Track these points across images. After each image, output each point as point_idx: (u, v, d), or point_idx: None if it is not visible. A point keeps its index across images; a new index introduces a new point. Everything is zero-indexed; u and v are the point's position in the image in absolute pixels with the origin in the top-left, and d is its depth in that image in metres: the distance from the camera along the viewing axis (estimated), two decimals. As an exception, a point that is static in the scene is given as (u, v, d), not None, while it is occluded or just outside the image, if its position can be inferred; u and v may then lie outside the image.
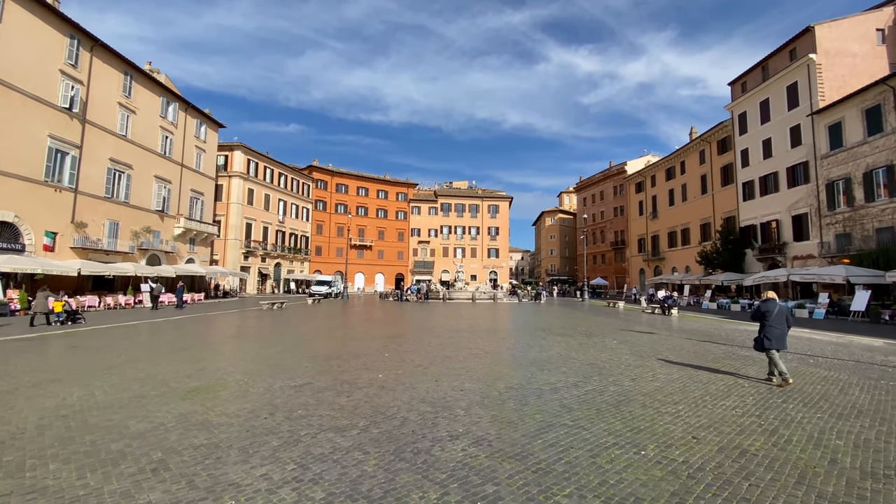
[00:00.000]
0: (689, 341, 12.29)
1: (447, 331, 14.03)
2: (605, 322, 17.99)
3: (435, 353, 9.72)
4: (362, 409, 5.45)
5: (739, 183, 35.96)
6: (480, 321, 17.94)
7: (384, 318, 19.37)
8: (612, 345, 11.30)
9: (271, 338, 12.44)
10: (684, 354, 10.02)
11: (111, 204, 29.16)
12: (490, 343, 11.47)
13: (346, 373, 7.56)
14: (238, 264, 44.72)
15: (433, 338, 12.26)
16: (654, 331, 14.76)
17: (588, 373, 7.75)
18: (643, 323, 18.20)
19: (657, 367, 8.45)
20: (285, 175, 53.17)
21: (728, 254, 34.99)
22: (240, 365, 8.27)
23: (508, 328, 15.37)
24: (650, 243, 50.69)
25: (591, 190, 67.45)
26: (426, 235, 68.37)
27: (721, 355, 9.96)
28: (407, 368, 7.97)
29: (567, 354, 9.69)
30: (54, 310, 16.03)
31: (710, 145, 40.38)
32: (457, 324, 16.51)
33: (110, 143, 29.10)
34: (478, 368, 8.00)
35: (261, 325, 16.30)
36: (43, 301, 15.58)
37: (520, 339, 12.43)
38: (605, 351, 10.24)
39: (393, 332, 13.74)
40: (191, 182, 37.35)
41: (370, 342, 11.38)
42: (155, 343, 11.38)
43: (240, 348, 10.47)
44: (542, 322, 17.70)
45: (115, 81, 29.65)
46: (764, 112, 33.67)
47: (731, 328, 16.39)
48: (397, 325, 16.39)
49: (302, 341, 11.53)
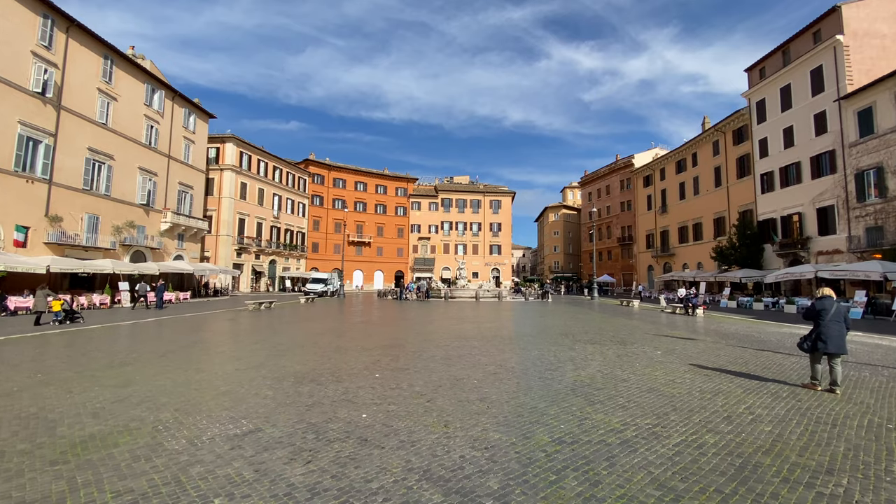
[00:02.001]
0: (744, 350, 10.34)
1: (453, 338, 12.04)
2: (630, 325, 16.09)
3: (440, 372, 7.61)
4: (321, 498, 3.28)
5: (757, 174, 34.07)
6: (489, 324, 15.98)
7: (381, 321, 17.45)
8: (657, 356, 9.35)
9: (241, 348, 10.42)
10: (758, 369, 8.07)
11: (90, 197, 27.26)
12: (508, 355, 9.40)
13: (316, 408, 5.52)
14: (230, 261, 42.85)
15: (437, 348, 10.20)
16: (694, 336, 12.84)
17: (657, 406, 5.67)
18: (671, 325, 16.38)
19: (743, 393, 6.37)
20: (280, 169, 51.20)
21: (745, 249, 33.16)
22: (177, 392, 6.28)
23: (524, 333, 13.30)
24: (659, 239, 48.83)
25: (596, 184, 65.49)
26: (426, 232, 66.45)
27: (804, 370, 8.09)
28: (403, 401, 5.90)
29: (611, 373, 7.64)
30: (52, 308, 15.57)
31: (724, 135, 38.46)
32: (463, 328, 14.55)
33: (89, 132, 27.17)
34: (502, 401, 5.89)
35: (237, 329, 14.42)
36: (42, 300, 15.28)
37: (543, 349, 10.26)
38: (655, 367, 8.24)
39: (389, 340, 11.68)
40: (179, 175, 35.42)
41: (360, 355, 9.35)
42: (95, 354, 9.36)
43: (193, 364, 8.34)
44: (560, 325, 15.74)
45: (94, 65, 27.70)
46: (785, 99, 31.75)
47: (773, 330, 14.57)
48: (395, 329, 14.43)
49: (276, 353, 9.49)
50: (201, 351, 10.03)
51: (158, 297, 22.44)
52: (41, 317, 15.22)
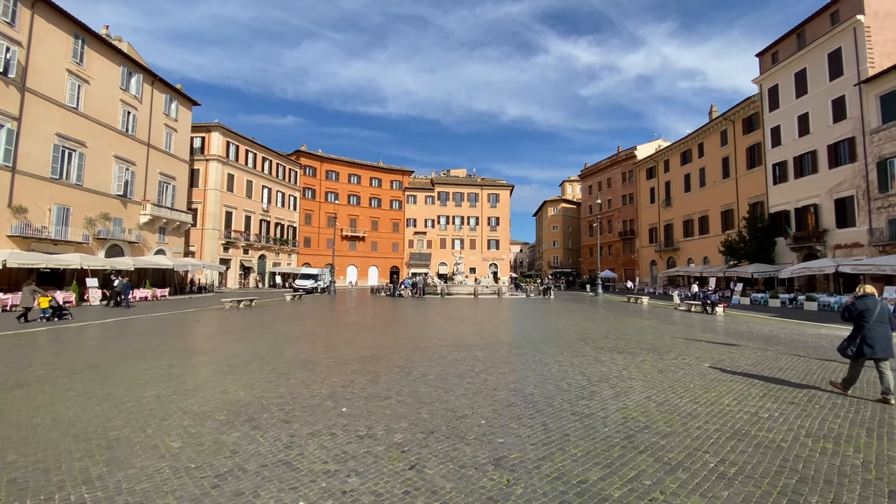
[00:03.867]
0: (807, 360, 8.48)
1: (450, 345, 10.05)
2: (649, 326, 14.38)
3: (434, 404, 5.61)
4: None
5: (769, 164, 32.50)
6: (491, 326, 14.20)
7: (369, 322, 15.57)
8: (707, 371, 7.45)
9: (184, 361, 8.23)
10: (853, 390, 6.26)
11: (60, 186, 25.31)
12: (521, 372, 7.35)
13: (228, 483, 3.48)
14: (217, 256, 40.95)
15: (430, 361, 8.23)
16: (731, 340, 11.07)
17: (769, 471, 3.67)
18: (694, 326, 14.79)
19: (876, 440, 4.39)
20: (269, 160, 49.15)
21: (756, 243, 31.62)
22: (41, 441, 4.30)
23: (534, 338, 11.24)
24: (663, 233, 47.29)
25: (597, 177, 63.82)
26: (423, 226, 64.64)
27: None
28: (373, 466, 3.79)
29: (667, 402, 5.63)
30: (40, 305, 15.14)
31: (733, 124, 36.83)
32: (461, 331, 12.69)
33: (57, 116, 25.18)
34: (529, 467, 3.78)
35: (199, 333, 12.51)
36: (28, 296, 14.82)
37: (563, 361, 8.24)
38: (716, 388, 6.30)
39: (373, 349, 9.61)
40: (159, 164, 33.43)
41: (331, 372, 7.31)
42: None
43: (105, 387, 6.33)
44: (572, 327, 13.93)
45: (63, 45, 25.65)
46: (800, 84, 30.12)
47: (812, 332, 12.98)
48: (383, 333, 12.50)
49: (224, 369, 7.44)
50: (132, 366, 7.79)
51: (125, 295, 20.51)
52: (27, 312, 14.84)
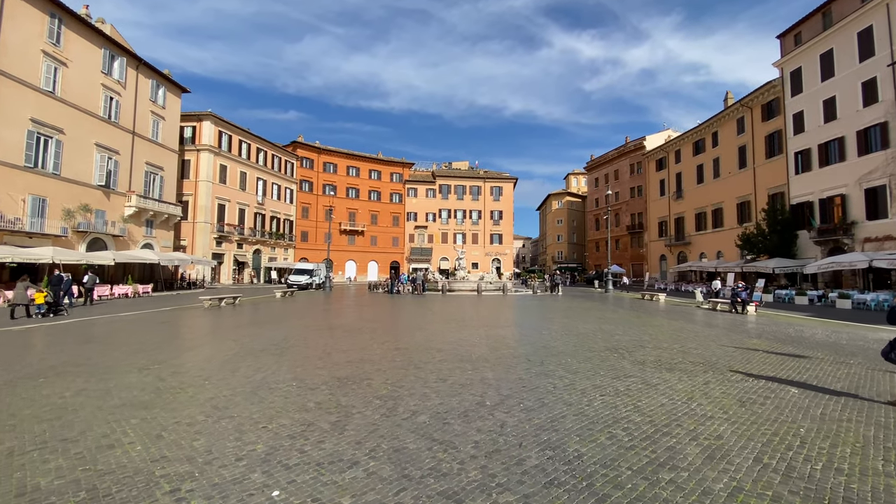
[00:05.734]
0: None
1: (451, 360, 7.91)
2: (683, 330, 12.49)
3: (424, 478, 3.43)
4: None
5: (791, 153, 30.59)
6: (499, 330, 12.17)
7: (357, 324, 13.53)
8: (803, 401, 5.39)
9: (98, 385, 6.08)
10: None
11: (35, 175, 23.70)
12: (552, 409, 5.11)
13: None
14: (209, 251, 39.35)
15: (424, 388, 6.05)
16: (797, 350, 9.24)
17: None
18: (733, 329, 13.08)
19: None
20: (264, 151, 47.39)
21: (776, 236, 29.80)
22: None
23: (556, 349, 9.10)
24: (673, 226, 45.43)
25: (603, 169, 61.84)
26: (423, 220, 62.87)
27: None
28: None
29: (796, 473, 3.51)
30: (35, 301, 14.86)
31: (751, 111, 34.87)
32: (465, 338, 10.44)
33: (31, 100, 23.52)
34: None
35: (150, 340, 10.18)
36: (22, 292, 14.47)
37: (603, 386, 6.08)
38: (848, 439, 4.14)
39: (350, 367, 7.32)
40: (146, 154, 31.75)
41: (283, 407, 5.15)
42: None
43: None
44: (596, 332, 11.70)
45: (37, 24, 23.92)
46: (826, 66, 28.14)
47: (873, 336, 11.26)
48: (369, 339, 10.35)
49: (137, 403, 5.27)
50: (30, 390, 5.81)
51: (65, 292, 17.71)
52: (26, 309, 14.58)
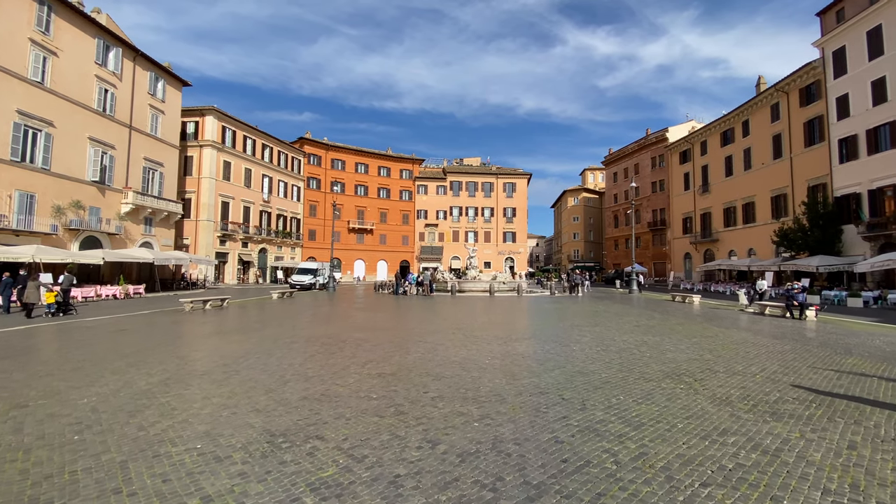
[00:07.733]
0: None
1: (449, 395, 5.64)
2: (748, 343, 9.93)
3: None
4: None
5: (834, 140, 27.82)
6: (516, 345, 9.39)
7: (344, 334, 10.93)
8: None
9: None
10: None
11: (22, 170, 22.58)
12: (613, 498, 3.05)
13: None
14: (213, 249, 38.18)
15: (397, 458, 3.73)
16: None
17: None
18: (803, 339, 10.84)
19: None
20: (270, 147, 46.13)
21: (819, 232, 27.09)
22: None
23: (594, 375, 6.72)
24: (699, 222, 42.67)
25: (622, 163, 59.08)
26: (434, 217, 61.06)
27: None
28: None
29: None
30: (46, 301, 14.72)
31: (787, 96, 32.08)
32: (474, 358, 8.01)
33: (18, 91, 22.39)
34: None
35: (76, 360, 8.28)
36: (34, 291, 14.58)
37: (688, 454, 3.81)
38: None
39: (300, 412, 4.95)
40: (144, 149, 30.58)
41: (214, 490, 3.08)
42: None
43: None
44: (640, 347, 9.09)
45: (25, 10, 22.79)
46: (873, 44, 25.36)
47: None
48: (347, 361, 7.71)
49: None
50: None
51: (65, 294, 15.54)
52: (33, 309, 14.49)
